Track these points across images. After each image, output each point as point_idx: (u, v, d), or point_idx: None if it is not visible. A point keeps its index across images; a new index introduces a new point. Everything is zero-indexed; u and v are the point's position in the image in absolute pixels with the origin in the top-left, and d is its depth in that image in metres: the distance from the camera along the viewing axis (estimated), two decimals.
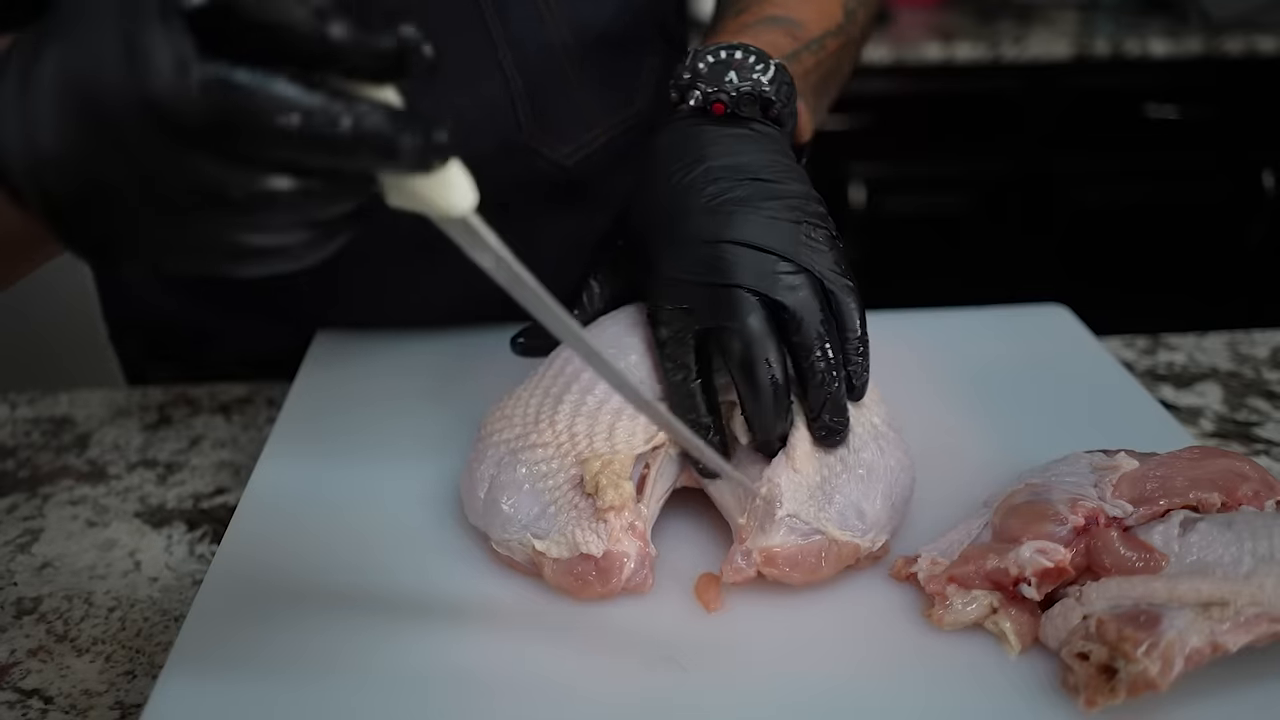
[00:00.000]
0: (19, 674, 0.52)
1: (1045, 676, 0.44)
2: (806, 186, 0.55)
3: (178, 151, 0.32)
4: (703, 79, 0.58)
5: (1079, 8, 2.09)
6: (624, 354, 0.56)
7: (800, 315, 0.50)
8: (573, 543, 0.48)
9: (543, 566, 0.49)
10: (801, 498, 0.49)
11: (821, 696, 0.44)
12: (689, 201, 0.54)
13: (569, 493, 0.50)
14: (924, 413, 0.63)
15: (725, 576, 0.49)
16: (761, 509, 0.49)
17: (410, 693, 0.44)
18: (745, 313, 0.50)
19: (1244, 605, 0.42)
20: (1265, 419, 0.71)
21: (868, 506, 0.50)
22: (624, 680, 0.45)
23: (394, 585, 0.51)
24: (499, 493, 0.51)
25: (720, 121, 0.57)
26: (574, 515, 0.49)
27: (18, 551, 0.61)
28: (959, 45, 1.84)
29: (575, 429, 0.52)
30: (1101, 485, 0.50)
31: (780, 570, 0.48)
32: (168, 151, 0.32)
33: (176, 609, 0.56)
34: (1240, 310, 1.99)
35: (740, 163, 0.55)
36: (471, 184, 0.36)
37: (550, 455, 0.52)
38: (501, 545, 0.50)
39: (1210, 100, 1.91)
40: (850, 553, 0.49)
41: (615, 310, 0.61)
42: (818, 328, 0.50)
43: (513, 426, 0.54)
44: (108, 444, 0.71)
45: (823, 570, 0.48)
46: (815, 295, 0.51)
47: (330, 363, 0.72)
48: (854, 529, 0.49)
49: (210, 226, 0.34)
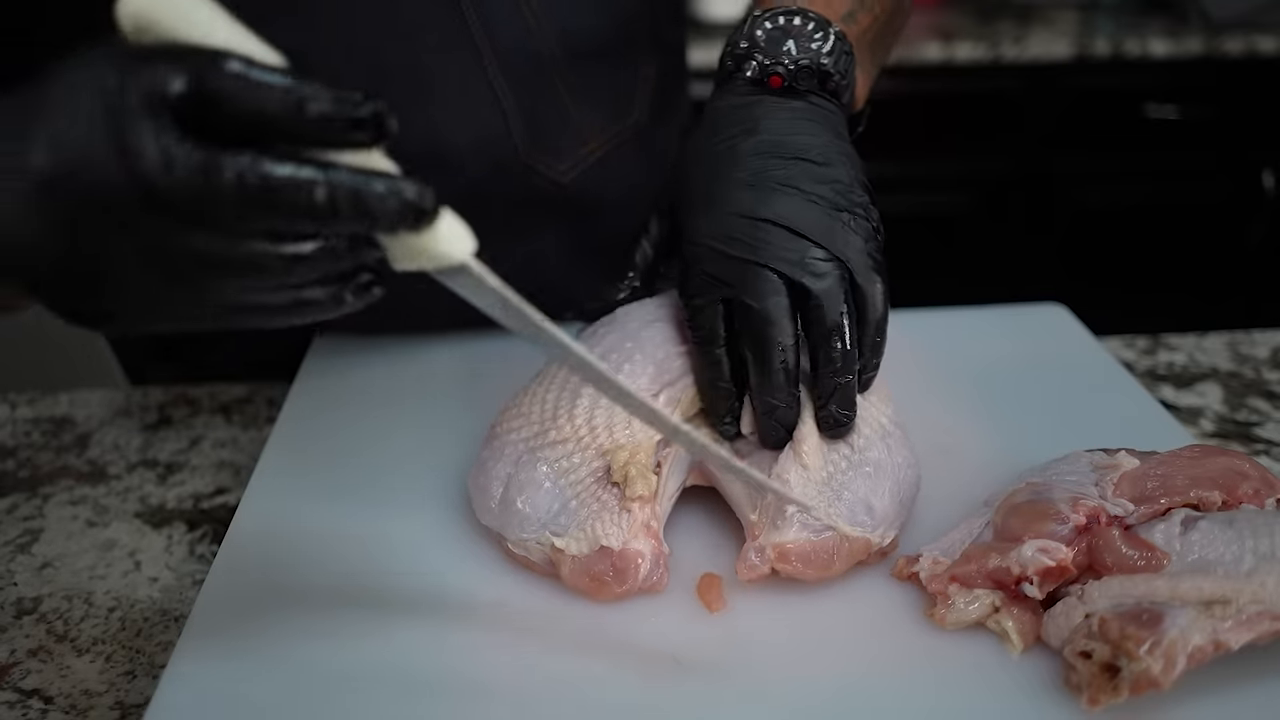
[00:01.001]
0: (19, 674, 0.52)
1: (1048, 675, 0.44)
2: (854, 172, 0.54)
3: (173, 228, 0.35)
4: (760, 49, 0.57)
5: (1079, 8, 2.08)
6: (640, 348, 0.56)
7: (823, 303, 0.50)
8: (593, 537, 0.48)
9: (560, 565, 0.49)
10: (810, 493, 0.49)
11: (824, 696, 0.44)
12: (734, 172, 0.54)
13: (591, 486, 0.50)
14: (924, 412, 0.63)
15: (740, 574, 0.49)
16: (774, 504, 0.49)
17: (411, 693, 0.44)
18: (768, 294, 0.50)
19: (1246, 603, 0.42)
20: (1265, 419, 0.71)
21: (876, 502, 0.50)
22: (626, 680, 0.45)
23: (396, 585, 0.51)
24: (517, 492, 0.51)
25: (777, 93, 0.56)
26: (595, 509, 0.49)
27: (18, 551, 0.61)
28: (959, 45, 1.83)
29: (595, 421, 0.52)
30: (1102, 484, 0.50)
31: (793, 566, 0.48)
32: (164, 228, 0.35)
33: (176, 609, 0.56)
34: (1240, 310, 1.99)
35: (791, 141, 0.54)
36: (468, 231, 0.38)
37: (571, 450, 0.52)
38: (518, 545, 0.50)
39: (1210, 100, 1.90)
40: (861, 548, 0.49)
41: (630, 305, 0.61)
42: (838, 318, 0.51)
43: (531, 424, 0.54)
44: (108, 444, 0.71)
45: (835, 566, 0.48)
46: (841, 284, 0.51)
47: (329, 365, 0.72)
48: (863, 524, 0.49)
49: (212, 289, 0.37)
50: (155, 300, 0.37)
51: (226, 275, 0.36)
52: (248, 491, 0.58)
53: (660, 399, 0.55)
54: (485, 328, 0.76)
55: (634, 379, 0.55)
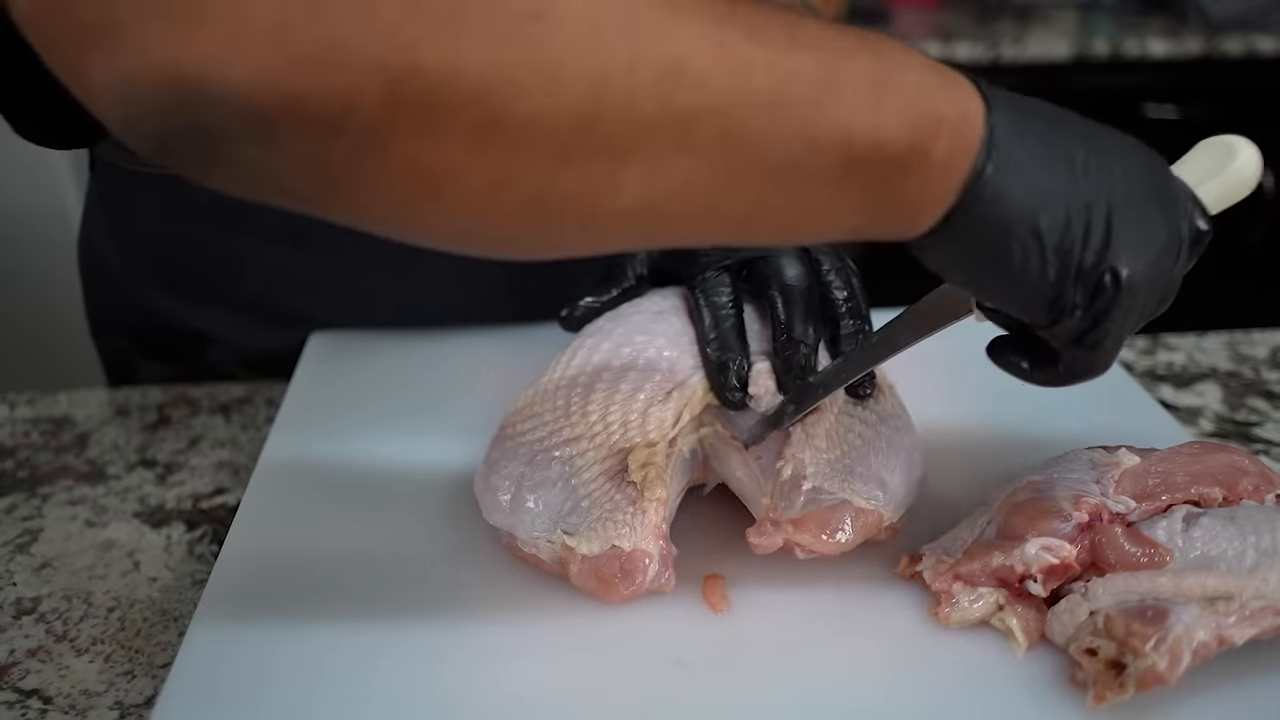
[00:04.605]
0: (18, 674, 0.52)
1: (1053, 672, 0.44)
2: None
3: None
4: None
5: (1078, 8, 2.09)
6: (652, 340, 0.57)
7: (819, 257, 0.58)
8: (605, 536, 0.48)
9: (570, 565, 0.48)
10: (824, 472, 0.50)
11: (829, 696, 0.44)
12: None
13: (604, 485, 0.50)
14: (924, 411, 0.63)
15: (754, 546, 0.48)
16: (788, 484, 0.49)
17: (413, 692, 0.44)
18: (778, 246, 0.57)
19: (1249, 599, 0.43)
20: (1265, 419, 0.71)
21: (889, 477, 0.51)
22: (629, 681, 0.45)
23: (397, 585, 0.51)
24: (529, 491, 0.50)
25: None
26: (608, 508, 0.49)
27: (17, 551, 0.61)
28: (958, 45, 1.83)
29: (609, 418, 0.53)
30: (1104, 482, 0.50)
31: (808, 536, 0.47)
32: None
33: (176, 609, 0.56)
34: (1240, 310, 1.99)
35: None
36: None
37: (585, 449, 0.52)
38: (529, 544, 0.50)
39: (1210, 100, 1.91)
40: (874, 522, 0.49)
41: (638, 298, 0.61)
42: (840, 270, 0.59)
43: (544, 425, 0.54)
44: (107, 444, 0.71)
45: (849, 537, 0.48)
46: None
47: (326, 363, 0.72)
48: (876, 499, 0.49)
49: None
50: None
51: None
52: (248, 491, 0.58)
53: (673, 394, 0.55)
54: (483, 324, 0.77)
55: (649, 371, 0.56)
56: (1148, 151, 0.43)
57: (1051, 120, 0.41)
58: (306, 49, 0.30)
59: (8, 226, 1.59)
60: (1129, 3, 2.08)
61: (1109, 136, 0.42)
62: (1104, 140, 0.41)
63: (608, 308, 0.63)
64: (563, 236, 0.37)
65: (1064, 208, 0.39)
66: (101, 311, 0.87)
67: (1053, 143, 0.40)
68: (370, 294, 0.77)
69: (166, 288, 0.81)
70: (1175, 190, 0.43)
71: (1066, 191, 0.39)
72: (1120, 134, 0.43)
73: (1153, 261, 0.41)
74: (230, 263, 0.78)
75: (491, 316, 0.74)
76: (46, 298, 1.42)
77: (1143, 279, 0.40)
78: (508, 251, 0.37)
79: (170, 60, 0.30)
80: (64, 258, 0.92)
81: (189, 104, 0.31)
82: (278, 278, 0.78)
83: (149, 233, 0.80)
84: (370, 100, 0.31)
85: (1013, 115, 0.39)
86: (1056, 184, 0.39)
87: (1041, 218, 0.39)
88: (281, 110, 0.31)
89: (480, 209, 0.34)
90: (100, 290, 0.86)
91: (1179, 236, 0.42)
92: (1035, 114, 0.40)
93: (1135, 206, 0.40)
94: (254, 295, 0.78)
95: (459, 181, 0.33)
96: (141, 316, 0.83)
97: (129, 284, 0.82)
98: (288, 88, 0.30)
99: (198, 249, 0.78)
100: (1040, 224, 0.39)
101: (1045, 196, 0.39)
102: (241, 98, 0.30)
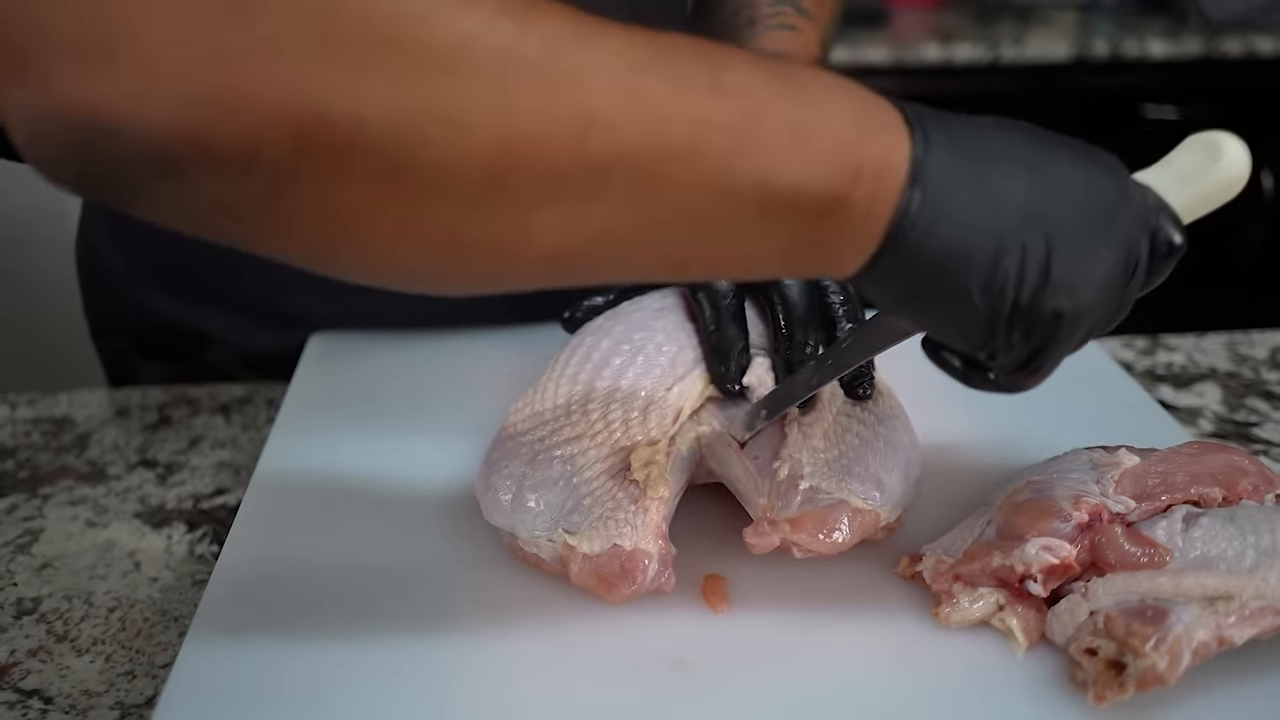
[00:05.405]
0: (19, 674, 0.52)
1: (1053, 672, 0.44)
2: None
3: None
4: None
5: (1078, 8, 2.09)
6: (651, 337, 0.57)
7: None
8: (606, 535, 0.48)
9: (570, 564, 0.48)
10: (821, 471, 0.50)
11: (828, 696, 0.44)
12: None
13: (606, 484, 0.50)
14: (924, 411, 0.63)
15: (751, 546, 0.48)
16: (784, 484, 0.49)
17: (415, 692, 0.44)
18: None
19: (1249, 599, 0.43)
20: (1264, 419, 0.71)
21: (886, 477, 0.51)
22: (629, 680, 0.45)
23: (399, 585, 0.51)
24: (530, 491, 0.50)
25: None
26: (610, 507, 0.49)
27: (18, 552, 0.61)
28: (958, 46, 1.84)
29: (611, 416, 0.53)
30: (1103, 482, 0.50)
31: (804, 535, 0.47)
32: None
33: (176, 609, 0.56)
34: (1239, 310, 1.99)
35: None
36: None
37: (586, 447, 0.52)
38: (530, 543, 0.50)
39: (1209, 101, 1.90)
40: (871, 522, 0.49)
41: (639, 296, 0.62)
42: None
43: (545, 424, 0.54)
44: (107, 444, 0.71)
45: (845, 536, 0.48)
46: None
47: (326, 364, 0.72)
48: (873, 499, 0.50)
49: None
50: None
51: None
52: (248, 492, 0.58)
53: (674, 390, 0.55)
54: (483, 325, 0.76)
55: (649, 368, 0.56)
56: (1104, 169, 0.41)
57: (990, 151, 0.39)
58: (213, 93, 0.30)
59: (8, 228, 1.59)
60: (1129, 3, 2.08)
61: (1060, 158, 0.40)
62: (1052, 165, 0.39)
63: (609, 308, 0.63)
64: (482, 277, 0.37)
65: (995, 247, 0.37)
66: (101, 313, 0.87)
67: (987, 177, 0.38)
68: (370, 294, 0.77)
69: (166, 289, 0.81)
70: (1134, 209, 0.41)
71: (999, 230, 0.37)
72: (1077, 151, 0.41)
73: (1096, 292, 0.39)
74: (230, 263, 0.77)
75: (491, 317, 0.74)
76: (47, 299, 1.42)
77: (1085, 310, 0.39)
78: (432, 289, 0.38)
79: (78, 96, 0.30)
80: (64, 259, 0.92)
81: (98, 139, 0.31)
82: (278, 278, 0.77)
83: (148, 234, 0.79)
84: (277, 146, 0.31)
85: (945, 152, 0.37)
86: (988, 223, 0.37)
87: (972, 258, 0.37)
88: (189, 152, 0.31)
89: (392, 251, 0.35)
90: (100, 291, 0.86)
91: (1134, 257, 0.40)
92: (971, 146, 0.38)
93: (1078, 237, 0.38)
94: (254, 296, 0.78)
95: (369, 225, 0.33)
96: (141, 317, 0.83)
97: (128, 285, 0.83)
98: (194, 130, 0.30)
99: (197, 250, 0.78)
100: (971, 264, 0.37)
101: (975, 236, 0.37)
102: (148, 137, 0.30)
